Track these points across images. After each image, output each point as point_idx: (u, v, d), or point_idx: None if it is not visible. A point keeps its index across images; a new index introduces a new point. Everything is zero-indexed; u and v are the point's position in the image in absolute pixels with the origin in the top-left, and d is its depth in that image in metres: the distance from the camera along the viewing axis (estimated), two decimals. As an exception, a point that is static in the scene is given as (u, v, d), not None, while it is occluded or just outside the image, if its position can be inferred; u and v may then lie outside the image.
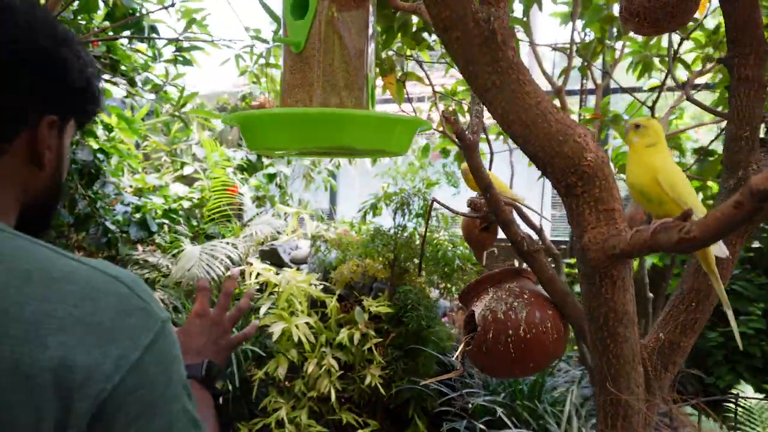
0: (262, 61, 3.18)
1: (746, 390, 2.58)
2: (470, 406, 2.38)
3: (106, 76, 2.81)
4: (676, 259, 2.40)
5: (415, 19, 1.70)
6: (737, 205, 0.53)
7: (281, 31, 0.74)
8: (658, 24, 1.05)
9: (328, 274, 3.07)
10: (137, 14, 2.93)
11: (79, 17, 2.56)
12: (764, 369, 2.49)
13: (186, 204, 3.59)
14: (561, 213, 3.69)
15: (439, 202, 1.35)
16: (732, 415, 2.29)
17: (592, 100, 4.04)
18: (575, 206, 0.73)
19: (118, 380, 0.44)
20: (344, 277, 2.95)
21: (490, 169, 2.17)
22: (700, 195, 2.14)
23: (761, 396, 2.46)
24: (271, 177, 3.92)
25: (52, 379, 0.43)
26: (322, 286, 2.99)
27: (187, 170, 4.04)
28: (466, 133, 1.00)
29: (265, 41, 2.84)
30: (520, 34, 1.94)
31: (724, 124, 1.14)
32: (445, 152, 2.57)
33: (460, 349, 1.07)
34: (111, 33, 2.71)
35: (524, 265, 1.11)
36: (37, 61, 0.53)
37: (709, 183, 2.13)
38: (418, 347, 2.73)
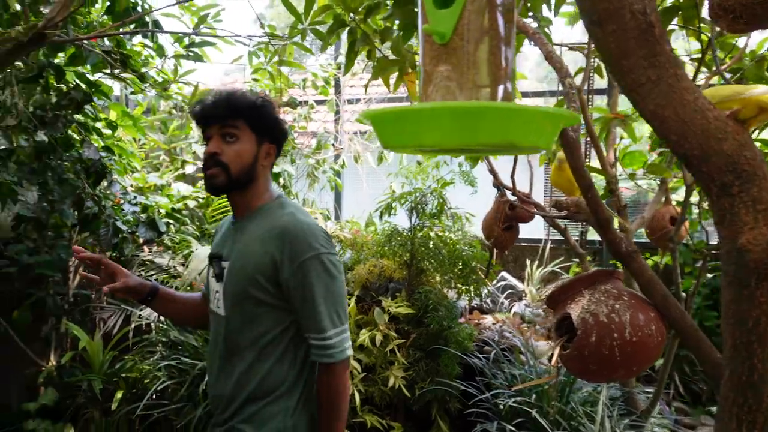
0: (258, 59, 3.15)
1: None
2: (501, 407, 2.36)
3: (116, 71, 2.70)
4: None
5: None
6: None
7: (419, 21, 0.70)
8: (756, 20, 1.03)
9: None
10: (138, 8, 2.84)
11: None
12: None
13: (191, 204, 3.50)
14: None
15: (536, 205, 1.32)
16: None
17: (596, 100, 4.08)
18: (729, 206, 0.70)
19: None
20: (361, 277, 2.90)
21: (514, 171, 2.16)
22: None
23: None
24: (275, 176, 3.84)
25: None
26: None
27: (188, 169, 3.94)
28: (569, 131, 0.97)
29: (280, 37, 2.77)
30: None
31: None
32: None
33: (555, 354, 1.04)
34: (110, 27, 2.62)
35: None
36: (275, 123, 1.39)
37: None
38: (439, 348, 2.70)
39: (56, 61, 2.60)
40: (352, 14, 1.91)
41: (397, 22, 1.79)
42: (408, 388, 2.64)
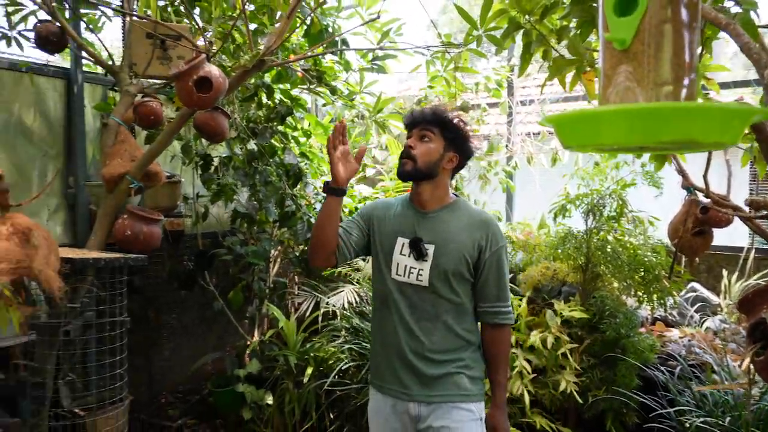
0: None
1: None
2: (687, 425, 2.18)
3: (312, 86, 3.08)
4: None
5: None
6: None
7: (600, 29, 0.75)
8: None
9: (514, 275, 3.04)
10: (329, 29, 3.18)
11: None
12: None
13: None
14: None
15: (735, 207, 1.26)
16: None
17: None
18: None
19: None
20: (533, 279, 2.90)
21: (707, 171, 1.98)
22: None
23: None
24: (448, 178, 3.98)
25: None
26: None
27: (368, 172, 4.28)
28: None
29: (456, 45, 2.90)
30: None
31: None
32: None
33: (746, 361, 0.98)
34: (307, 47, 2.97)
35: None
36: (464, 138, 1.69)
37: None
38: (616, 356, 2.58)
39: (264, 79, 3.06)
40: (527, 16, 1.95)
41: (574, 20, 1.79)
42: (580, 395, 2.57)
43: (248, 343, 3.69)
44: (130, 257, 1.97)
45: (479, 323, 1.70)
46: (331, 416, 3.05)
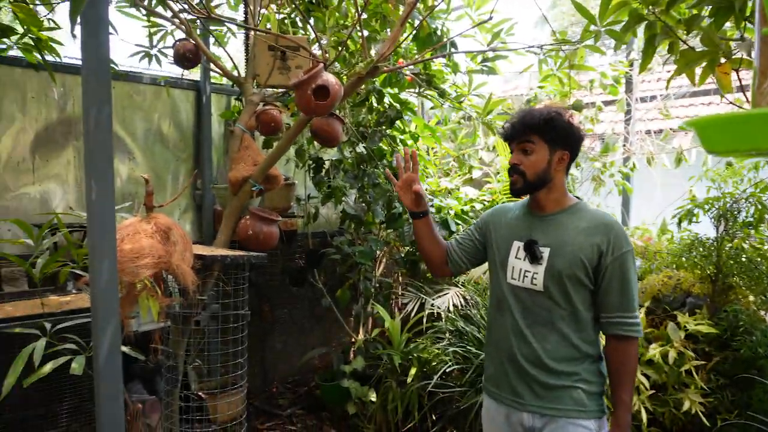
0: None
1: None
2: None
3: (421, 90, 3.11)
4: None
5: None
6: None
7: (757, 24, 0.68)
8: None
9: (632, 284, 2.86)
10: (438, 32, 3.17)
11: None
12: None
13: (477, 206, 3.76)
14: None
15: None
16: None
17: None
18: None
19: None
20: (653, 288, 2.70)
21: None
22: None
23: None
24: (558, 180, 3.83)
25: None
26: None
27: (475, 174, 4.24)
28: None
29: (572, 42, 2.78)
30: None
31: None
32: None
33: None
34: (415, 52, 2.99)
35: None
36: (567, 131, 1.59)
37: None
38: (752, 377, 2.34)
39: (374, 85, 3.13)
40: (650, 7, 1.82)
41: (707, 8, 1.65)
42: (707, 417, 2.36)
43: (354, 340, 3.81)
44: (252, 255, 2.11)
45: (602, 335, 1.62)
46: (434, 417, 3.05)
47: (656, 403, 2.50)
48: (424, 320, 3.33)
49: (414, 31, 3.06)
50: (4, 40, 2.13)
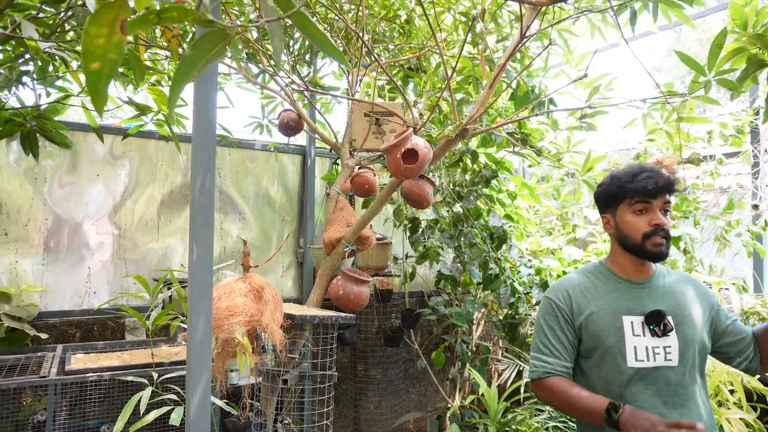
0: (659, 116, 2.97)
1: None
2: None
3: (517, 149, 3.07)
4: None
5: None
6: None
7: None
8: None
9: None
10: (536, 90, 3.14)
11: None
12: None
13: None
14: None
15: None
16: None
17: None
18: None
19: None
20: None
21: None
22: None
23: None
24: (675, 240, 3.52)
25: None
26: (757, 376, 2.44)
27: (579, 233, 4.03)
28: None
29: (679, 94, 2.61)
30: None
31: None
32: None
33: None
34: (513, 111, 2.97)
35: None
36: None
37: None
38: None
39: (469, 145, 3.14)
40: (771, 52, 1.67)
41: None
42: None
43: (449, 405, 3.66)
44: (341, 315, 2.14)
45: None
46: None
47: None
48: (522, 389, 3.14)
49: (512, 91, 3.06)
50: (143, 117, 2.45)
